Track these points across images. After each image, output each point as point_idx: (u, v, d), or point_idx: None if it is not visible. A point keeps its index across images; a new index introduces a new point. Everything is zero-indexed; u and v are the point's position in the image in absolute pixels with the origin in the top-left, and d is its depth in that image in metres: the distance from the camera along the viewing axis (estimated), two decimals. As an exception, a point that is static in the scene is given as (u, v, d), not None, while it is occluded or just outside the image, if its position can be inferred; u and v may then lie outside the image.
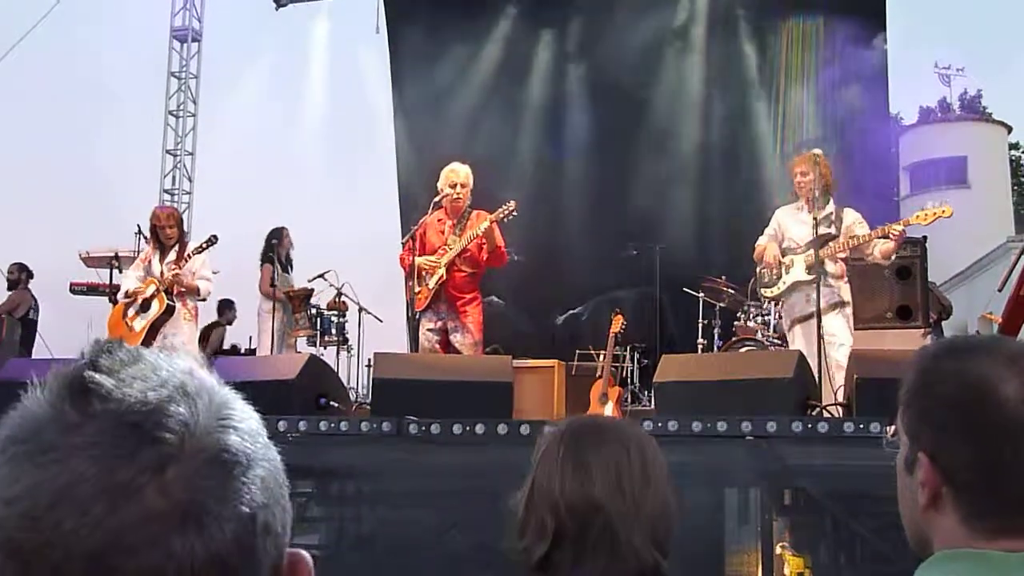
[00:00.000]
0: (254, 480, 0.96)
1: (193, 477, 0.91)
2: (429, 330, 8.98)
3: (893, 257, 8.58)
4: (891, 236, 8.17)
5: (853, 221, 8.47)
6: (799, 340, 8.46)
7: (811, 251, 8.36)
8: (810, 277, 8.36)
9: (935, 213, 8.19)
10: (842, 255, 8.46)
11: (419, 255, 8.93)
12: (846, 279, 8.57)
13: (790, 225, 8.68)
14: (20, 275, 14.09)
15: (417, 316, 8.97)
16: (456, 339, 8.98)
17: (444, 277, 8.92)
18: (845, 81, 14.25)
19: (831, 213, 8.49)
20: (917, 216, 8.30)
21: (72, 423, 0.91)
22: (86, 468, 0.89)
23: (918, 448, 1.59)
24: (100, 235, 13.34)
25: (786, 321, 8.87)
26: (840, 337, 8.30)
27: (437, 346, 8.96)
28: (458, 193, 9.02)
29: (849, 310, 8.53)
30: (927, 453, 1.57)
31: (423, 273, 8.92)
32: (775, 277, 8.71)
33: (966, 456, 1.54)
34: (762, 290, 9.05)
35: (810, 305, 8.32)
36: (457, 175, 9.12)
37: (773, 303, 10.66)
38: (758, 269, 8.99)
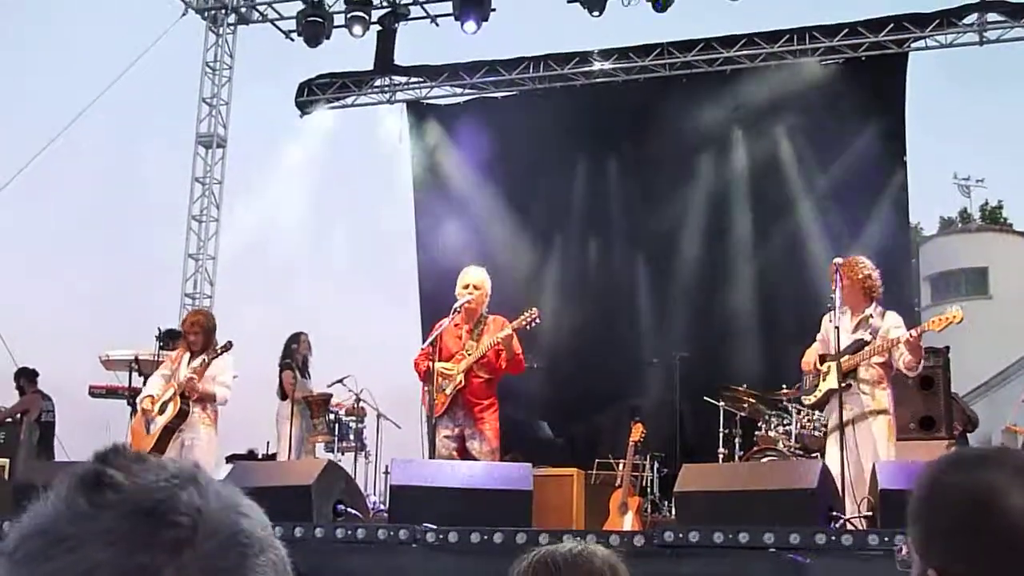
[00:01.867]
0: (266, 563, 0.97)
1: (209, 559, 0.93)
2: (446, 437, 8.88)
3: (919, 367, 8.39)
4: (905, 341, 8.05)
5: (891, 325, 8.32)
6: (831, 450, 8.28)
7: (844, 358, 8.27)
8: (843, 385, 8.23)
9: (947, 319, 8.05)
10: (878, 360, 8.31)
11: (437, 360, 8.90)
12: (885, 385, 8.38)
13: (831, 330, 8.55)
14: (20, 380, 14.13)
15: (434, 422, 8.90)
16: (473, 446, 8.90)
17: (462, 383, 8.88)
18: (865, 192, 14.32)
19: (868, 317, 8.40)
20: (932, 322, 8.19)
21: (86, 514, 0.92)
22: (103, 554, 0.90)
23: (928, 565, 1.54)
24: (120, 338, 13.37)
25: (828, 428, 8.71)
26: (873, 447, 8.13)
27: (455, 453, 8.88)
28: (471, 293, 9.00)
29: (886, 418, 8.29)
30: (937, 570, 1.53)
31: (440, 379, 8.87)
32: (813, 385, 8.59)
33: (975, 571, 1.50)
34: (803, 397, 8.94)
35: (849, 412, 8.17)
36: (470, 277, 9.13)
37: (796, 411, 10.63)
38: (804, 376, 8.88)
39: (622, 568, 2.33)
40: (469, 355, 8.95)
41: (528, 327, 8.97)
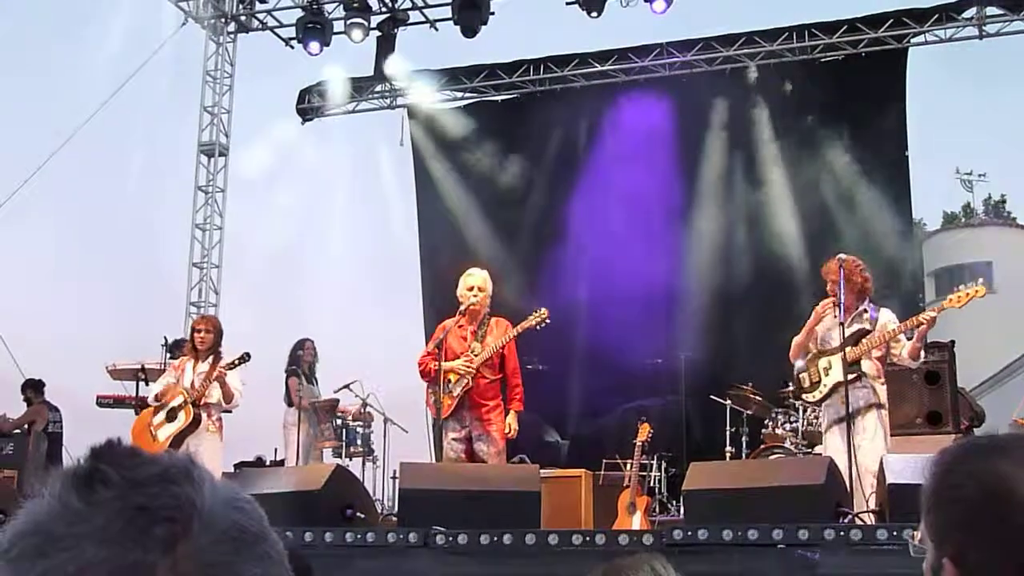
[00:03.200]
0: (262, 556, 0.97)
1: (203, 553, 0.92)
2: (454, 439, 8.87)
3: (922, 355, 8.40)
4: (922, 322, 8.03)
5: (888, 320, 8.37)
6: (835, 442, 8.26)
7: (847, 349, 8.22)
8: (851, 377, 8.21)
9: (968, 294, 7.96)
10: (877, 353, 8.31)
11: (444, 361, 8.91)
12: (883, 380, 8.41)
13: (827, 323, 8.55)
14: (27, 392, 14.13)
15: (440, 424, 8.88)
16: (480, 448, 8.88)
17: (470, 384, 8.88)
18: (868, 189, 14.31)
19: (864, 311, 8.41)
20: (950, 300, 8.09)
21: (79, 512, 0.92)
22: (96, 552, 0.90)
23: (943, 554, 1.54)
24: (127, 348, 13.39)
25: (824, 422, 8.68)
26: (873, 440, 8.16)
27: (463, 455, 8.86)
28: (475, 295, 9.03)
29: (884, 412, 8.34)
30: (951, 559, 1.53)
31: (448, 380, 8.88)
32: (814, 382, 8.54)
33: (989, 561, 1.49)
34: (804, 396, 8.84)
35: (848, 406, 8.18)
36: (474, 279, 9.15)
37: (803, 408, 10.61)
38: (796, 373, 8.81)
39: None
40: (475, 356, 8.96)
41: (538, 328, 9.02)
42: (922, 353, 8.36)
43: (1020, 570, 1.48)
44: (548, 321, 9.00)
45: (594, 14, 14.67)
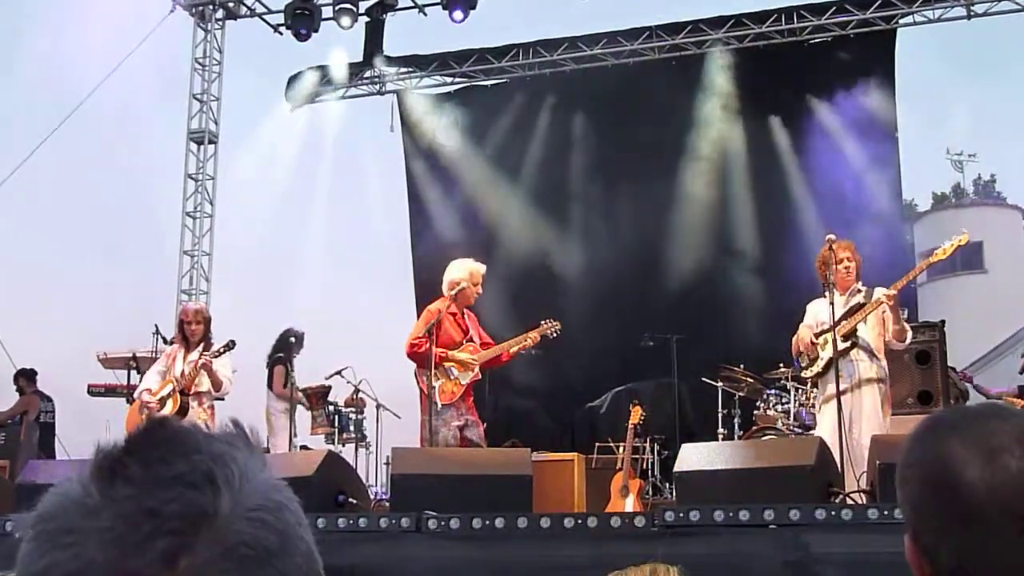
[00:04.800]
0: (274, 573, 0.92)
1: (206, 570, 0.88)
2: (456, 426, 8.93)
3: (908, 335, 8.42)
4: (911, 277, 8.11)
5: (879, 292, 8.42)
6: (829, 420, 8.26)
7: (844, 323, 8.22)
8: (846, 345, 8.22)
9: (954, 244, 8.19)
10: (877, 330, 8.33)
11: (447, 349, 8.98)
12: (882, 357, 8.38)
13: (822, 311, 8.55)
14: (19, 381, 14.12)
15: (439, 408, 8.89)
16: (473, 433, 8.98)
17: (479, 376, 9.04)
18: (857, 169, 14.32)
19: (857, 289, 8.44)
20: (936, 254, 8.30)
21: (93, 506, 0.89)
22: (98, 553, 0.87)
23: (906, 530, 1.55)
24: (118, 336, 13.37)
25: (819, 400, 8.68)
26: (871, 418, 8.14)
27: (460, 443, 8.93)
28: (480, 290, 9.19)
29: (883, 387, 8.32)
30: (910, 537, 1.54)
31: (449, 366, 8.94)
32: (812, 359, 8.55)
33: (936, 544, 1.49)
34: (803, 373, 8.89)
35: (843, 382, 8.17)
36: (481, 272, 9.26)
37: (795, 389, 10.65)
38: (796, 359, 8.88)
39: None
40: (501, 347, 9.21)
41: (551, 335, 9.33)
42: (908, 334, 8.38)
43: (968, 553, 1.46)
44: (559, 332, 9.30)
45: (583, -3, 14.68)
